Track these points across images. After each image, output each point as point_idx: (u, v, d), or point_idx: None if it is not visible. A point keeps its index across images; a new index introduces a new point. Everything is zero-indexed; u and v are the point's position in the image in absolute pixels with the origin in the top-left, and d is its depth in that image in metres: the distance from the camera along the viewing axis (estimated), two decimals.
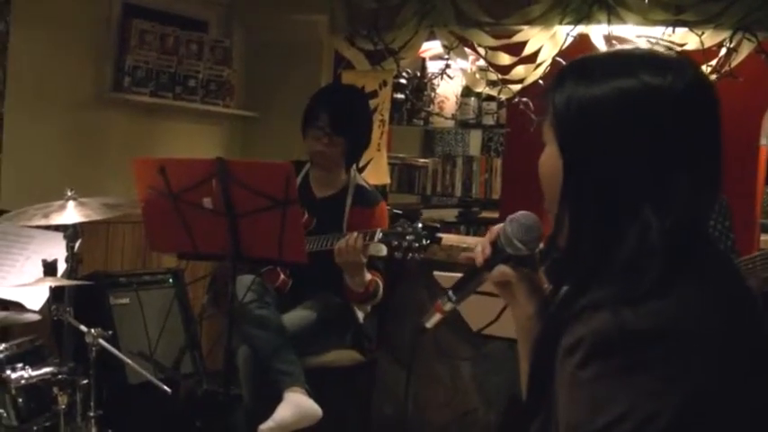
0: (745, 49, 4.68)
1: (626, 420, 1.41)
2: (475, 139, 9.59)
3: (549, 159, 1.62)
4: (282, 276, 4.51)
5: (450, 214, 7.91)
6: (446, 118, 6.73)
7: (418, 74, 6.69)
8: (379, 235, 4.09)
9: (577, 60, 1.67)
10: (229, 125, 6.62)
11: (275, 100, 6.47)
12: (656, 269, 1.48)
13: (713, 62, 4.76)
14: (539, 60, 5.19)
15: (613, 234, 1.53)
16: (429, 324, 1.90)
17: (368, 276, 4.27)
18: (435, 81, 6.51)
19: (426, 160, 7.45)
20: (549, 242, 1.71)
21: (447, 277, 3.69)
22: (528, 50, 5.21)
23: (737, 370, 1.49)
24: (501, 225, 1.81)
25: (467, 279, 1.87)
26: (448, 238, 5.20)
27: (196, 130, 6.42)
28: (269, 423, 4.05)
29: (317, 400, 4.18)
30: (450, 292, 1.86)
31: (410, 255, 4.04)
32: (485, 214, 7.61)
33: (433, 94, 6.78)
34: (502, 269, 1.80)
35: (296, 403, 4.13)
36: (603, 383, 1.43)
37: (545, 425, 1.60)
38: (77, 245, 3.88)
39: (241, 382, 4.31)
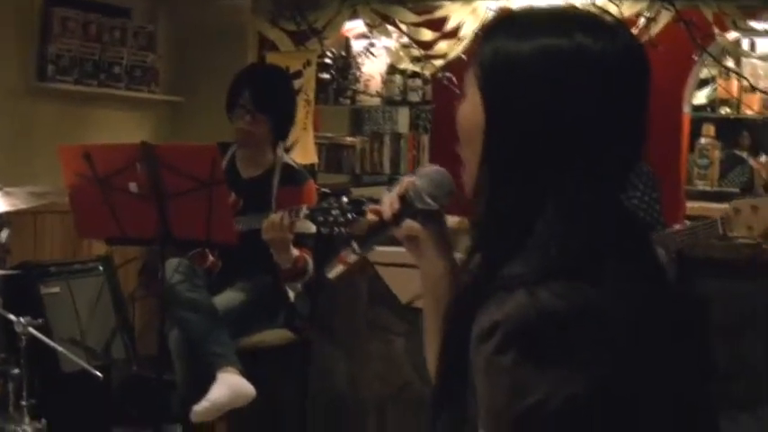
0: (664, 18, 4.76)
1: (547, 404, 1.35)
2: (403, 117, 9.61)
3: (470, 109, 1.53)
4: (211, 258, 4.51)
5: (380, 192, 7.92)
6: (372, 96, 6.76)
7: (343, 53, 6.71)
8: (304, 211, 4.10)
9: (511, 12, 1.63)
10: (156, 111, 6.60)
11: (201, 84, 6.45)
12: (575, 245, 1.43)
13: (634, 31, 4.83)
14: (460, 35, 5.23)
15: (533, 202, 1.46)
16: (332, 275, 1.80)
17: (295, 252, 4.28)
18: (360, 60, 6.54)
19: (354, 139, 7.47)
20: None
21: (375, 252, 3.74)
22: (450, 25, 5.26)
23: (655, 349, 1.45)
24: (410, 178, 1.76)
25: (373, 232, 1.79)
26: None
27: (123, 116, 6.39)
28: (203, 403, 4.06)
29: (250, 380, 4.19)
30: (355, 244, 1.77)
31: (336, 229, 4.07)
32: None
33: (358, 73, 6.81)
34: (410, 224, 1.74)
35: (230, 383, 4.15)
36: (522, 368, 1.37)
37: (456, 414, 1.54)
38: (5, 235, 3.87)
39: (174, 366, 4.31)
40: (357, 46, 6.75)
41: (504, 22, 1.56)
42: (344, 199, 4.08)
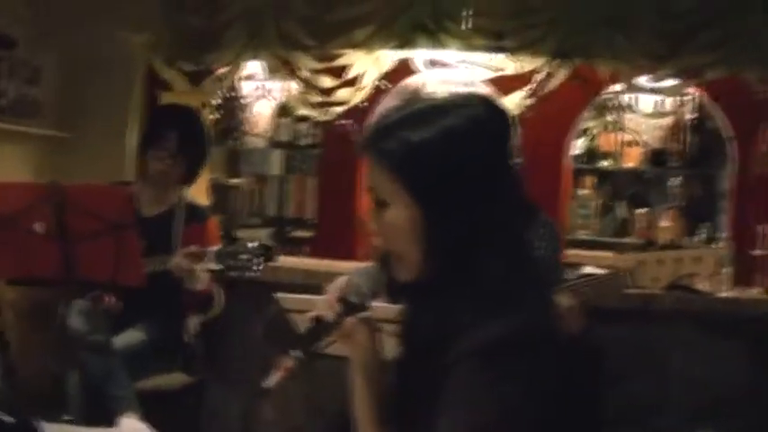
0: (561, 74, 4.91)
1: (508, 418, 1.64)
2: (276, 159, 9.62)
3: (401, 209, 1.75)
4: (111, 299, 4.44)
5: (263, 234, 7.91)
6: (258, 137, 6.79)
7: (232, 94, 6.71)
8: (211, 256, 4.10)
9: (396, 111, 1.82)
10: (40, 146, 6.46)
11: (88, 120, 6.35)
12: (508, 290, 1.71)
13: (531, 86, 4.99)
14: (363, 83, 5.30)
15: (473, 262, 1.73)
16: (270, 383, 1.95)
17: (204, 277, 4.25)
18: (249, 101, 6.56)
19: (239, 180, 7.46)
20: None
21: (290, 299, 3.74)
22: (351, 74, 5.32)
23: (565, 371, 1.73)
24: (342, 281, 1.94)
25: (316, 334, 1.92)
26: (283, 260, 5.23)
27: (6, 151, 6.24)
28: None
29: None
30: (298, 353, 1.91)
31: (245, 274, 4.08)
32: (298, 233, 7.66)
33: (245, 115, 6.83)
34: (352, 321, 1.92)
35: (131, 428, 4.08)
36: (488, 387, 1.64)
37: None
38: None
39: (72, 409, 4.23)
40: (245, 87, 6.77)
41: (400, 118, 1.79)
42: (254, 244, 4.09)
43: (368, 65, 5.26)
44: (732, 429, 4.74)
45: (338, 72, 5.43)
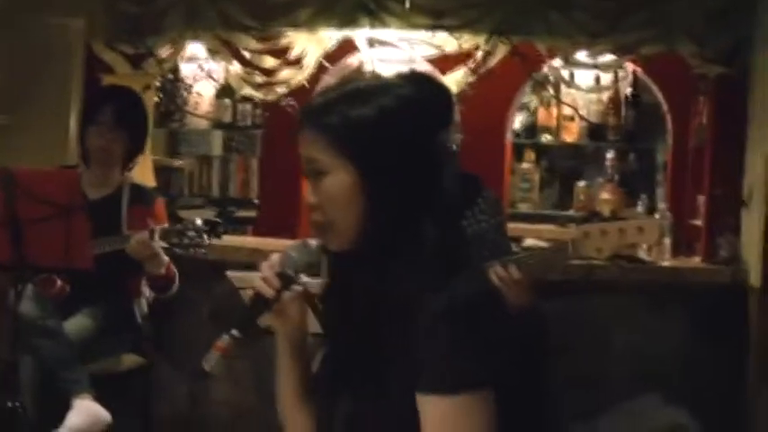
0: (501, 51, 4.99)
1: (480, 371, 1.71)
2: (216, 140, 9.61)
3: (339, 177, 1.79)
4: (60, 283, 4.44)
5: (207, 215, 7.90)
6: (200, 117, 6.80)
7: (172, 76, 6.71)
8: (158, 233, 4.13)
9: (335, 89, 1.89)
10: None
11: (28, 105, 6.30)
12: (450, 259, 1.78)
13: (471, 64, 5.06)
14: (304, 64, 5.34)
15: (416, 223, 1.78)
16: (210, 366, 1.91)
17: (165, 259, 4.28)
18: (190, 82, 6.57)
19: (182, 161, 7.46)
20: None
21: (239, 277, 3.78)
22: (293, 54, 5.35)
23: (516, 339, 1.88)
24: (278, 255, 1.95)
25: (254, 313, 1.92)
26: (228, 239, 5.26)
27: None
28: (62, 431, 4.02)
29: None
30: (235, 331, 1.89)
31: (191, 251, 4.12)
32: (242, 213, 7.67)
33: (186, 96, 6.84)
34: (289, 296, 1.93)
35: (86, 410, 4.11)
36: (457, 342, 1.70)
37: (377, 403, 1.81)
38: None
39: (24, 394, 4.23)
40: (186, 69, 6.77)
41: (337, 95, 1.85)
42: (200, 221, 4.12)
43: (310, 45, 5.30)
44: (676, 396, 4.87)
45: (280, 53, 5.46)
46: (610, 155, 6.64)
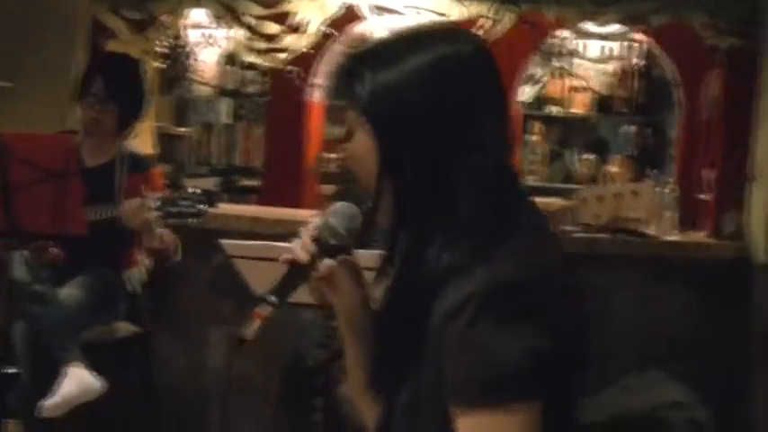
0: (508, 20, 4.91)
1: (520, 365, 1.51)
2: (226, 108, 9.57)
3: (362, 145, 1.69)
4: (55, 250, 4.40)
5: (211, 183, 7.87)
6: (206, 86, 6.74)
7: (178, 43, 6.65)
8: (155, 202, 4.08)
9: (368, 50, 1.75)
10: None
11: (31, 70, 6.26)
12: (494, 221, 1.61)
13: (477, 32, 4.97)
14: (307, 30, 5.27)
15: (448, 194, 1.63)
16: (249, 334, 1.78)
17: (159, 229, 4.23)
18: (197, 49, 6.50)
19: (186, 129, 7.42)
20: (367, 220, 1.79)
21: (234, 245, 3.73)
22: (296, 20, 5.28)
23: (570, 306, 1.65)
24: (316, 221, 1.82)
25: (291, 279, 1.81)
26: (229, 208, 5.21)
27: None
28: (54, 399, 3.98)
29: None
30: (272, 297, 1.78)
31: (186, 221, 4.07)
32: (245, 182, 7.64)
33: (193, 63, 6.77)
34: (328, 263, 1.80)
35: (79, 378, 4.08)
36: (495, 335, 1.52)
37: (412, 397, 1.67)
38: None
39: (18, 360, 4.21)
40: (192, 35, 6.71)
41: (367, 60, 1.70)
42: (193, 190, 4.07)
43: (313, 11, 5.22)
44: (679, 372, 4.81)
45: (284, 18, 5.39)
46: (622, 129, 6.57)
